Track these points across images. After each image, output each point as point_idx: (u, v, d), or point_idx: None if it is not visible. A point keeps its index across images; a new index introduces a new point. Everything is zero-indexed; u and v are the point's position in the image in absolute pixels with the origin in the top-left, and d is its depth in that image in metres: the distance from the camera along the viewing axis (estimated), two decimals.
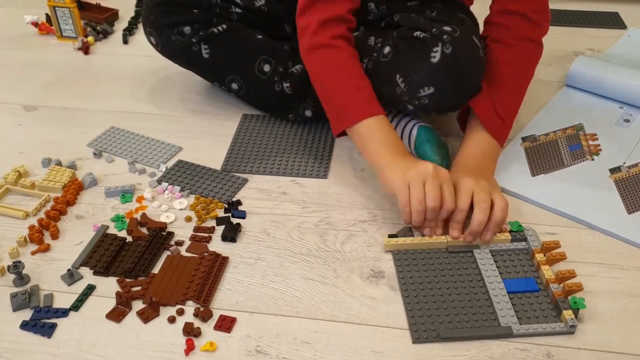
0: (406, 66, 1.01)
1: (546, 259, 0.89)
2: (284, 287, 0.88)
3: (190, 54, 1.16)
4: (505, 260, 0.91)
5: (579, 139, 1.15)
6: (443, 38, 0.96)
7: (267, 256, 0.93)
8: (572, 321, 0.80)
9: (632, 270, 0.91)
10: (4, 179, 1.06)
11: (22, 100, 1.31)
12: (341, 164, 1.12)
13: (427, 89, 0.99)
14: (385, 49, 1.05)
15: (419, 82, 0.99)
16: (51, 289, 0.87)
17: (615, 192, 1.03)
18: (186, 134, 1.20)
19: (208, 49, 1.15)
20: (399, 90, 1.02)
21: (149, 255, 0.92)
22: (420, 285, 0.87)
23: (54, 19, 1.51)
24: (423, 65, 0.98)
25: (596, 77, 1.26)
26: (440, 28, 0.97)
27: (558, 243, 0.90)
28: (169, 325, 0.82)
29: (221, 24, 1.15)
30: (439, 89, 0.98)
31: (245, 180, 1.07)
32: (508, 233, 0.93)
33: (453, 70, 0.97)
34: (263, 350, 0.79)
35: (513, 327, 0.81)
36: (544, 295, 0.85)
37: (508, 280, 0.87)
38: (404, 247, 0.93)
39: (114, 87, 1.36)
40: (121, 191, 1.03)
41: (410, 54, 1.01)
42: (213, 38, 1.14)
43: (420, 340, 0.80)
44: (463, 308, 0.84)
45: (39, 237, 0.94)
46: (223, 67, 1.18)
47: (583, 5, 1.71)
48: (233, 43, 1.16)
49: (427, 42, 0.97)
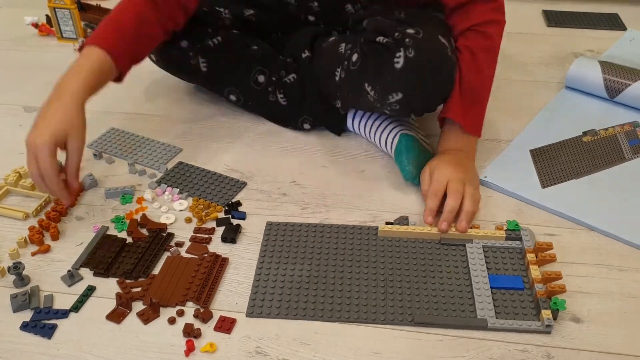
0: (372, 73, 1.00)
1: (536, 259, 0.89)
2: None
3: (188, 67, 1.17)
4: (497, 257, 0.92)
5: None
6: (405, 42, 0.95)
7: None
8: (549, 321, 0.81)
9: (632, 271, 0.91)
10: (5, 180, 1.06)
11: (23, 101, 1.31)
12: (341, 164, 1.12)
13: (396, 95, 0.98)
14: (354, 56, 1.03)
15: (387, 89, 0.98)
16: (51, 290, 0.87)
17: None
18: (186, 136, 1.20)
19: (205, 62, 1.16)
20: (371, 97, 1.01)
21: (149, 257, 0.92)
22: (407, 272, 0.89)
23: (54, 20, 1.51)
24: (388, 72, 0.97)
25: (596, 78, 1.27)
26: (403, 31, 0.96)
27: (551, 244, 0.90)
28: (169, 327, 0.82)
29: (216, 36, 1.15)
30: (407, 94, 0.98)
31: (244, 183, 1.07)
32: (503, 231, 0.94)
33: (419, 74, 0.96)
34: (263, 352, 0.79)
35: (489, 320, 0.82)
36: (527, 294, 0.86)
37: (494, 276, 0.88)
38: (398, 235, 0.94)
39: (114, 88, 1.36)
40: (121, 192, 1.04)
41: (375, 60, 0.99)
42: (209, 51, 1.15)
43: (395, 322, 0.83)
44: (444, 297, 0.86)
45: (39, 238, 0.94)
46: (221, 79, 1.19)
47: (582, 7, 1.71)
48: (228, 55, 1.16)
49: (390, 47, 0.96)
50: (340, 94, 1.08)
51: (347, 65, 1.04)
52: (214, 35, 1.15)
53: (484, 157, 1.12)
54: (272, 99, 1.19)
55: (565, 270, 0.90)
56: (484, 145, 1.16)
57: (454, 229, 0.93)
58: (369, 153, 1.15)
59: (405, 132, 1.07)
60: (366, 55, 1.01)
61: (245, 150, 1.16)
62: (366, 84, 1.00)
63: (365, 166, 1.12)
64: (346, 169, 1.11)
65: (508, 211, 1.01)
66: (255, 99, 1.20)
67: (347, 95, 1.07)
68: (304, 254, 0.92)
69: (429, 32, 0.97)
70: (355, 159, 1.13)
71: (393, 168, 1.09)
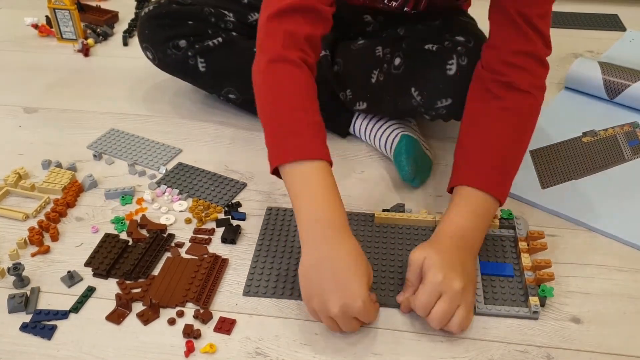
0: (421, 79, 1.02)
1: (528, 247, 0.90)
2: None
3: (186, 67, 1.16)
4: (490, 244, 0.93)
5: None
6: (457, 50, 0.98)
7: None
8: (536, 307, 0.82)
9: (632, 272, 0.91)
10: (4, 181, 1.06)
11: (22, 102, 1.31)
12: (341, 165, 1.12)
13: (445, 100, 1.00)
14: (396, 60, 1.05)
15: (436, 95, 1.00)
16: (51, 291, 0.87)
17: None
18: (186, 136, 1.20)
19: (204, 62, 1.15)
20: (415, 102, 1.03)
21: (149, 257, 0.92)
22: (400, 257, 0.91)
23: (54, 21, 1.52)
24: (439, 78, 0.99)
25: (595, 79, 1.26)
26: (453, 39, 0.99)
27: (542, 234, 0.91)
28: (169, 327, 0.82)
29: (217, 37, 1.14)
30: (457, 100, 0.99)
31: (244, 184, 1.07)
32: (497, 219, 0.95)
33: (469, 81, 0.97)
34: (263, 352, 0.79)
35: (477, 305, 0.83)
36: (517, 282, 0.87)
37: (485, 263, 0.89)
38: (393, 222, 0.96)
39: (114, 89, 1.37)
40: (121, 193, 1.04)
41: (424, 66, 1.01)
42: (209, 51, 1.14)
43: (387, 304, 0.84)
44: None
45: (38, 239, 0.94)
46: (220, 80, 1.18)
47: (582, 8, 1.71)
48: (229, 57, 1.15)
49: (442, 55, 0.99)
50: (372, 95, 1.08)
51: (388, 68, 1.06)
52: (214, 36, 1.14)
53: None
54: None
55: (565, 270, 0.90)
56: None
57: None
58: (369, 154, 1.15)
59: (406, 133, 1.07)
60: (413, 60, 1.03)
61: (245, 151, 1.16)
62: (413, 89, 1.02)
63: (365, 167, 1.12)
64: (346, 169, 1.11)
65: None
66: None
67: (382, 97, 1.07)
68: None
69: (477, 42, 0.99)
70: (355, 160, 1.13)
71: (392, 169, 1.09)
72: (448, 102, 1.00)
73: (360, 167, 1.12)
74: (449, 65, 0.99)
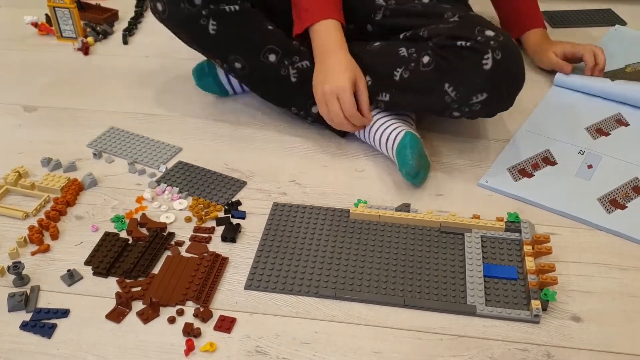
0: (456, 75, 1.03)
1: (532, 251, 0.90)
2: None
3: (196, 26, 1.11)
4: (495, 247, 0.93)
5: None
6: (491, 44, 1.00)
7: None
8: (537, 311, 0.82)
9: (632, 270, 0.91)
10: (4, 180, 1.06)
11: (22, 101, 1.31)
12: (341, 163, 1.12)
13: (480, 95, 1.02)
14: (424, 58, 1.06)
15: (472, 90, 1.02)
16: (51, 290, 0.87)
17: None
18: (186, 135, 1.20)
19: (216, 25, 1.11)
20: (449, 98, 1.04)
21: (148, 256, 0.92)
22: (403, 256, 0.92)
23: (53, 20, 1.51)
24: (475, 73, 1.01)
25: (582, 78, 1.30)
26: (484, 34, 1.01)
27: (548, 237, 0.91)
28: (168, 326, 0.82)
29: (234, 4, 1.11)
30: (493, 94, 1.02)
31: (244, 182, 1.07)
32: (503, 222, 0.95)
33: (506, 75, 1.01)
34: (263, 351, 0.79)
35: (478, 307, 0.83)
36: (520, 285, 0.87)
37: (489, 265, 0.90)
38: (398, 221, 0.97)
39: (114, 87, 1.36)
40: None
41: (458, 63, 1.02)
42: (223, 15, 1.11)
43: (387, 303, 0.85)
44: (437, 283, 0.88)
45: (38, 237, 0.94)
46: (228, 46, 1.14)
47: (576, 5, 1.70)
48: (242, 26, 1.12)
49: (476, 50, 1.01)
50: (396, 90, 1.09)
51: (416, 66, 1.07)
52: (231, 2, 1.11)
53: (484, 158, 1.13)
54: (283, 73, 1.15)
55: (565, 269, 0.90)
56: (484, 145, 1.16)
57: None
58: (369, 153, 1.14)
59: (410, 131, 1.07)
60: (445, 57, 1.04)
61: (245, 150, 1.16)
62: (447, 85, 1.03)
63: (365, 166, 1.12)
64: (346, 168, 1.11)
65: (508, 211, 1.01)
66: (262, 71, 1.15)
67: (406, 93, 1.08)
68: (305, 234, 0.95)
69: (506, 35, 1.03)
70: (355, 159, 1.13)
71: (393, 168, 1.09)
72: (484, 97, 1.02)
73: (361, 165, 1.12)
74: (485, 60, 1.00)
